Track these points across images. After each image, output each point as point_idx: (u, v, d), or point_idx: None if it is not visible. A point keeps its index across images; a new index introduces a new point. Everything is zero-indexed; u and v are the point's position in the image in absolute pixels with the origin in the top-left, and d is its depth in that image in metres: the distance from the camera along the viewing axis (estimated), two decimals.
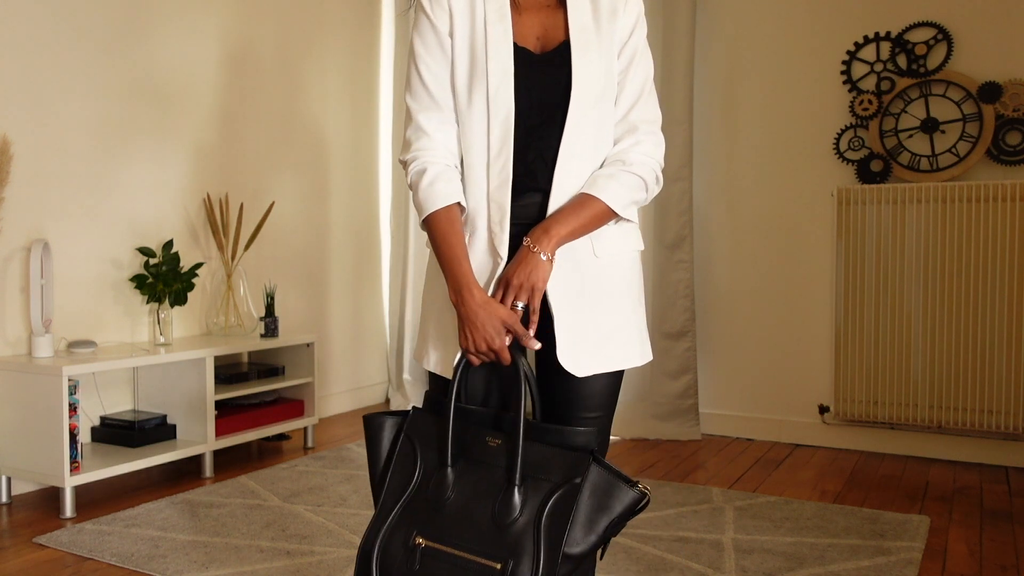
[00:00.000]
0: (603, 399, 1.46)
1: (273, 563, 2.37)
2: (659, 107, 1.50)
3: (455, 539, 1.26)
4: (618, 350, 1.44)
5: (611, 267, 1.44)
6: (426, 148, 1.42)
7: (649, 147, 1.45)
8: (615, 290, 1.45)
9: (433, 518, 1.29)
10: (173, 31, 3.52)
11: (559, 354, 1.39)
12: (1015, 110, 3.33)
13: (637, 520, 2.72)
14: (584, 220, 1.39)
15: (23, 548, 2.50)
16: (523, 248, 1.36)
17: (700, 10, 3.90)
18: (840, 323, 3.59)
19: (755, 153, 3.86)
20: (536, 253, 1.36)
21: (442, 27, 1.43)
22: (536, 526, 1.23)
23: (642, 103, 1.47)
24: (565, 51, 1.42)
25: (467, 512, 1.28)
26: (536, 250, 1.36)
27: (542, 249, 1.36)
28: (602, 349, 1.42)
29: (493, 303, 1.35)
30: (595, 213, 1.40)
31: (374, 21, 4.63)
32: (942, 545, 2.54)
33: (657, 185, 1.47)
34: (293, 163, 4.14)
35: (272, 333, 3.58)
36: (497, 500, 1.27)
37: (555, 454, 1.28)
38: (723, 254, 3.94)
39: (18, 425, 2.84)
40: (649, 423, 3.91)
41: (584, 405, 1.45)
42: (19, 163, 2.98)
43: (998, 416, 3.33)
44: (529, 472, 1.28)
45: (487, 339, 1.33)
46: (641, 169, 1.43)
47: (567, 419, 1.45)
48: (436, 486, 1.31)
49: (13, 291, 2.99)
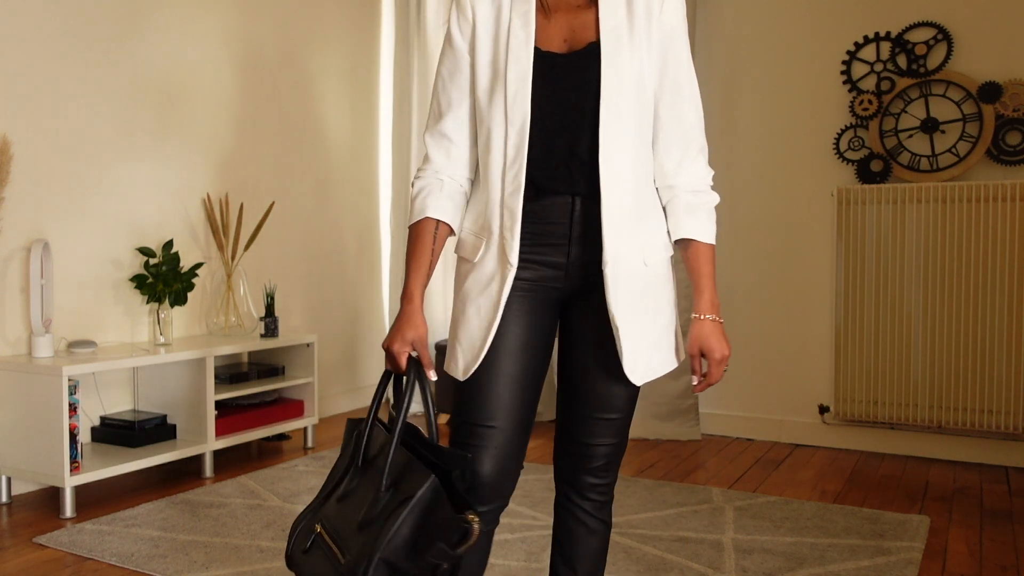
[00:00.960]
0: (622, 401, 1.49)
1: (273, 563, 2.37)
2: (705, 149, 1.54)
3: (335, 531, 1.35)
4: (664, 355, 1.48)
5: (657, 275, 1.46)
6: (427, 167, 1.50)
7: (707, 191, 1.50)
8: (661, 296, 1.47)
9: (335, 510, 1.39)
10: (173, 31, 3.52)
11: (626, 365, 1.42)
12: (1015, 110, 3.33)
13: (637, 520, 2.72)
14: (713, 266, 1.49)
15: (23, 548, 2.50)
16: (702, 322, 1.47)
17: (700, 10, 3.90)
18: (840, 323, 3.59)
19: (755, 153, 3.86)
20: (708, 320, 1.47)
21: (461, 45, 1.46)
22: (376, 529, 1.28)
23: (695, 118, 1.49)
24: (594, 51, 1.39)
25: (351, 509, 1.36)
26: (708, 318, 1.47)
27: (712, 314, 1.47)
28: (653, 355, 1.46)
29: (417, 318, 1.42)
30: (712, 257, 1.48)
31: (374, 21, 4.63)
32: (942, 545, 2.54)
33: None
34: (293, 163, 4.14)
35: (272, 333, 3.58)
36: (369, 502, 1.33)
37: (418, 467, 1.30)
38: (723, 254, 3.94)
39: (18, 425, 2.84)
40: (649, 423, 3.91)
41: (603, 406, 1.48)
42: (19, 163, 2.98)
43: (998, 416, 3.33)
44: (398, 480, 1.32)
45: (394, 343, 1.40)
46: (707, 199, 1.49)
47: (585, 420, 1.48)
48: (347, 483, 1.41)
49: (13, 291, 2.99)
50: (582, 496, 1.53)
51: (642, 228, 1.43)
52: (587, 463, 1.51)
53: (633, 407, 1.53)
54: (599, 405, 1.48)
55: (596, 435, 1.50)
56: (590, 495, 1.52)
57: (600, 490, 1.53)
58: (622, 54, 1.38)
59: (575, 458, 1.51)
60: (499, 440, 1.41)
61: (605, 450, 1.50)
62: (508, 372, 1.43)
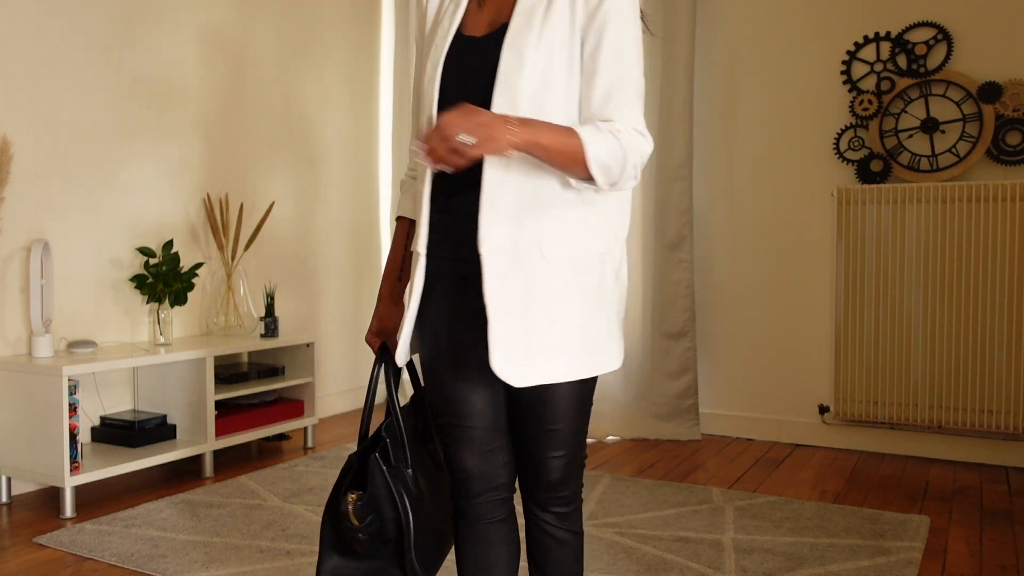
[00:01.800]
0: (561, 410, 1.39)
1: (273, 563, 2.37)
2: (641, 113, 1.35)
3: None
4: (573, 360, 1.35)
5: (564, 270, 1.33)
6: (409, 165, 1.56)
7: (634, 137, 1.31)
8: (574, 295, 1.34)
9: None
10: (173, 31, 3.52)
11: (491, 360, 1.30)
12: (1015, 110, 3.33)
13: (637, 520, 2.72)
14: (560, 137, 1.25)
15: (23, 548, 2.50)
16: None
17: (700, 10, 3.90)
18: (840, 323, 3.59)
19: (755, 153, 3.86)
20: (504, 122, 1.23)
21: (418, 38, 1.50)
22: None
23: (618, 100, 1.31)
24: (502, 33, 1.33)
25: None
26: (510, 123, 1.23)
27: (511, 123, 1.23)
28: (548, 358, 1.33)
29: (383, 310, 1.55)
30: (570, 139, 1.25)
31: (374, 21, 4.63)
32: (942, 545, 2.54)
33: (633, 176, 1.33)
34: (293, 163, 4.14)
35: (272, 333, 3.58)
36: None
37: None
38: (723, 254, 3.94)
39: (18, 425, 2.84)
40: (649, 423, 3.91)
41: (541, 416, 1.40)
42: (19, 163, 2.98)
43: (998, 416, 3.33)
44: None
45: (367, 336, 1.57)
46: (627, 139, 1.29)
47: (527, 430, 1.42)
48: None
49: (13, 291, 2.99)
50: (544, 509, 1.45)
51: (542, 218, 1.32)
52: (540, 475, 1.43)
53: (579, 416, 1.42)
54: (535, 414, 1.40)
55: (543, 447, 1.41)
56: (552, 508, 1.45)
57: (561, 502, 1.45)
58: (529, 36, 1.30)
59: (527, 471, 1.45)
60: (471, 435, 1.43)
61: (557, 463, 1.42)
62: (455, 367, 1.42)
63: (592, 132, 1.27)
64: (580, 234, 1.35)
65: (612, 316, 1.41)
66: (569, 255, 1.34)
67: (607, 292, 1.39)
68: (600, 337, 1.38)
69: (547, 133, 1.25)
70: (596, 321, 1.37)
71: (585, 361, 1.36)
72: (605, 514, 2.79)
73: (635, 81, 1.33)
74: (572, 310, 1.34)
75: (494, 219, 1.30)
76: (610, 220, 1.39)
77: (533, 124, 1.25)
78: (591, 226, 1.36)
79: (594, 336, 1.37)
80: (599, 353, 1.38)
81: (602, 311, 1.39)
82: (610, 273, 1.40)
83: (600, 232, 1.37)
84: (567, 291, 1.34)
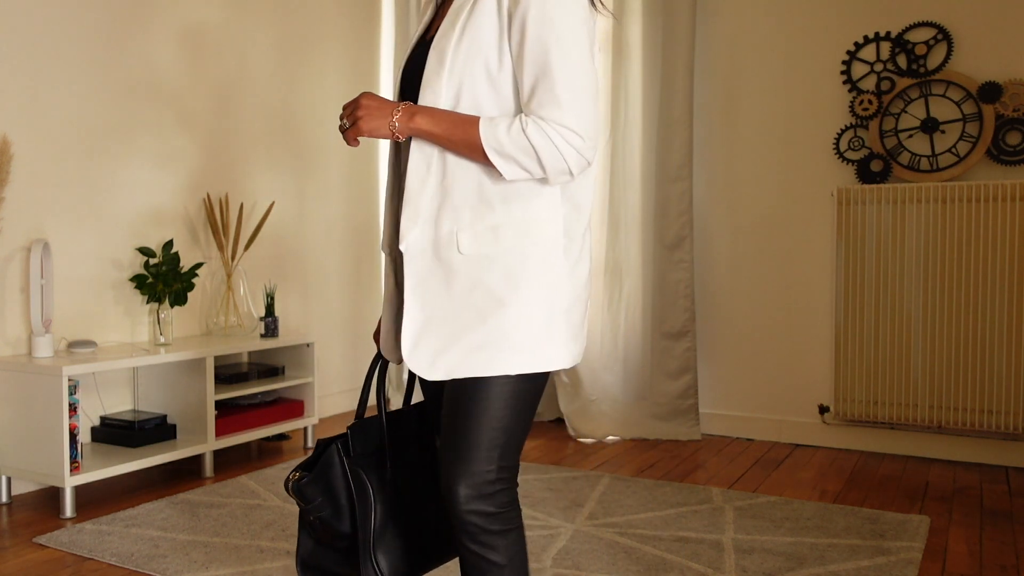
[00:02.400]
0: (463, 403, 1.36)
1: (273, 563, 2.37)
2: (582, 113, 1.29)
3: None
4: (493, 357, 1.33)
5: (480, 267, 1.34)
6: None
7: (550, 132, 1.28)
8: (499, 292, 1.33)
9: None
10: (173, 31, 3.52)
11: (402, 350, 1.36)
12: (1015, 110, 3.33)
13: (637, 520, 2.72)
14: (458, 127, 1.30)
15: (23, 548, 2.50)
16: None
17: (700, 10, 3.90)
18: (840, 323, 3.59)
19: (755, 153, 3.86)
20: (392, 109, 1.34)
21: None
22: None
23: (542, 95, 1.29)
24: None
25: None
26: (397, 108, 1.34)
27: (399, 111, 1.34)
28: (472, 354, 1.33)
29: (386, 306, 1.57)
30: (468, 128, 1.30)
31: (374, 21, 4.63)
32: (942, 545, 2.54)
33: (562, 171, 1.30)
34: (293, 163, 4.14)
35: (272, 333, 3.58)
36: None
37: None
38: (723, 254, 3.94)
39: (18, 425, 2.84)
40: (649, 423, 3.91)
41: (446, 412, 1.38)
42: (19, 163, 2.98)
43: (998, 416, 3.33)
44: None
45: (376, 329, 1.61)
46: (535, 132, 1.28)
47: (438, 421, 1.44)
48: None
49: (13, 291, 2.99)
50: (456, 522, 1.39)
51: (463, 216, 1.34)
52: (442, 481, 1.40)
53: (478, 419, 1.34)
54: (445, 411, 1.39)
55: (443, 449, 1.39)
56: (460, 531, 1.38)
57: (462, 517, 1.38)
58: (451, 36, 1.33)
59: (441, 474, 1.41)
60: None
61: (455, 464, 1.37)
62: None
63: (493, 123, 1.30)
64: (505, 231, 1.34)
65: (542, 314, 1.35)
66: (489, 252, 1.34)
67: (535, 289, 1.35)
68: (514, 337, 1.33)
69: (440, 122, 1.31)
70: (512, 319, 1.33)
71: (520, 359, 1.33)
72: (605, 514, 2.79)
73: (564, 75, 1.28)
74: (484, 307, 1.33)
75: (412, 217, 1.36)
76: (546, 216, 1.36)
77: (424, 112, 1.33)
78: (520, 223, 1.34)
79: (506, 335, 1.33)
80: (539, 349, 1.35)
81: (525, 307, 1.34)
82: (540, 269, 1.35)
83: (533, 228, 1.35)
84: (482, 288, 1.34)
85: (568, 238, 1.38)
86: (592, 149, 1.31)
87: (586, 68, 1.30)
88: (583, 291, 1.43)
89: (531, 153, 1.28)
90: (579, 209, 1.40)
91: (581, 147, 1.29)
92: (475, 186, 1.34)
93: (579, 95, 1.29)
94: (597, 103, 1.33)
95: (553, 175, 1.31)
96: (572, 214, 1.39)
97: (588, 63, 1.31)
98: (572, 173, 1.31)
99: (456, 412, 1.36)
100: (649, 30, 3.89)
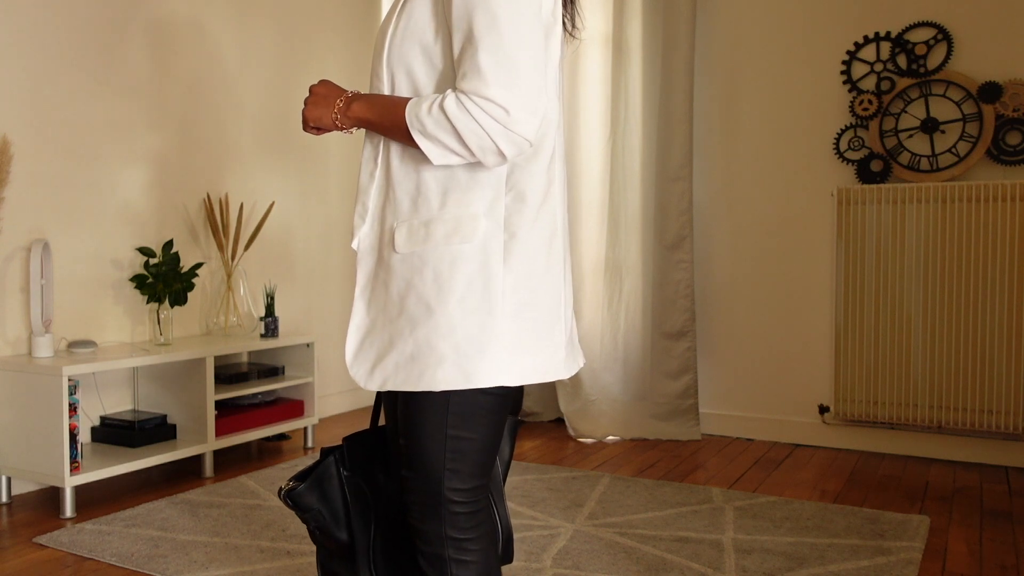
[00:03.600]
0: (401, 423, 1.29)
1: (273, 563, 2.37)
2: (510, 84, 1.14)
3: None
4: (423, 371, 1.21)
5: (423, 265, 1.23)
6: None
7: (473, 108, 1.15)
8: (424, 294, 1.22)
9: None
10: (173, 30, 3.52)
11: (346, 355, 1.30)
12: (1015, 110, 3.33)
13: (637, 520, 2.72)
14: (389, 112, 1.23)
15: (23, 548, 2.50)
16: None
17: (700, 10, 3.90)
18: (840, 323, 3.59)
19: (755, 153, 3.86)
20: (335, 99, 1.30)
21: None
22: None
23: (465, 65, 1.16)
24: None
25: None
26: (340, 99, 1.29)
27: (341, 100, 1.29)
28: (405, 366, 1.23)
29: None
30: (397, 111, 1.22)
31: (374, 20, 4.63)
32: (942, 545, 2.54)
33: (490, 150, 1.17)
34: (293, 163, 4.14)
35: (272, 333, 3.58)
36: None
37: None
38: (723, 254, 3.94)
39: (18, 425, 2.84)
40: (649, 423, 3.91)
41: (397, 426, 1.32)
42: (19, 163, 2.98)
43: (998, 416, 3.33)
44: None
45: None
46: (452, 107, 1.15)
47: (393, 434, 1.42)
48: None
49: (13, 291, 2.99)
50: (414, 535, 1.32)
51: (402, 213, 1.26)
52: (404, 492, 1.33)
53: (421, 436, 1.24)
54: (393, 420, 1.36)
55: (400, 460, 1.33)
56: (416, 541, 1.31)
57: (418, 537, 1.29)
58: (392, 16, 1.30)
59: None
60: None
61: (407, 483, 1.29)
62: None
63: (418, 103, 1.19)
64: (436, 227, 1.23)
65: (473, 324, 1.21)
66: (420, 251, 1.23)
67: (465, 295, 1.22)
68: (441, 348, 1.21)
69: (373, 107, 1.25)
70: (441, 328, 1.21)
71: (422, 371, 1.21)
72: (605, 514, 2.79)
73: (488, 41, 1.14)
74: (415, 313, 1.23)
75: (361, 214, 1.32)
76: (482, 209, 1.23)
77: (361, 100, 1.27)
78: (451, 219, 1.22)
79: (432, 346, 1.21)
80: (437, 365, 1.21)
81: (455, 315, 1.21)
82: (471, 271, 1.22)
83: (465, 225, 1.22)
84: (414, 292, 1.23)
85: (509, 233, 1.23)
86: (527, 125, 1.15)
87: (519, 37, 1.14)
88: (542, 295, 1.27)
89: (451, 131, 1.15)
90: (523, 199, 1.24)
91: (508, 122, 1.13)
92: (417, 177, 1.24)
93: (506, 63, 1.13)
94: (537, 73, 1.16)
95: (482, 156, 1.17)
96: (514, 205, 1.24)
97: (522, 28, 1.15)
98: (503, 154, 1.16)
99: (403, 428, 1.29)
100: (649, 30, 3.89)
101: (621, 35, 3.93)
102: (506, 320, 1.22)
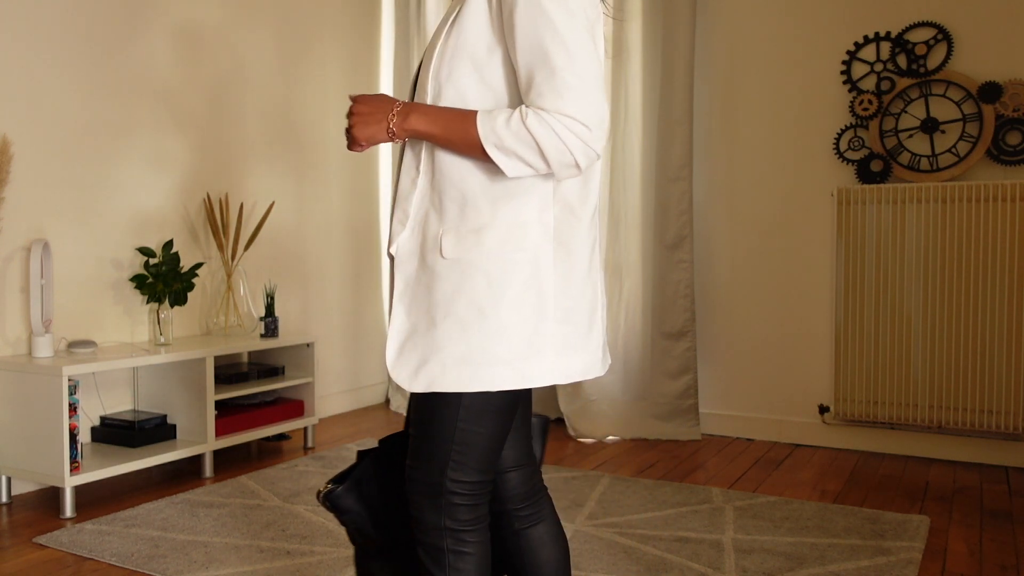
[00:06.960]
0: (415, 412, 1.33)
1: (273, 563, 2.37)
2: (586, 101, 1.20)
3: None
4: (468, 369, 1.26)
5: (475, 270, 1.26)
6: None
7: (552, 122, 1.19)
8: (476, 298, 1.26)
9: None
10: (172, 30, 3.52)
11: (387, 358, 1.31)
12: (1015, 110, 3.33)
13: (637, 520, 2.72)
14: (453, 124, 1.24)
15: (23, 548, 2.50)
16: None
17: (700, 10, 3.90)
18: (840, 323, 3.59)
19: (755, 153, 3.86)
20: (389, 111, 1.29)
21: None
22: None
23: (540, 84, 1.20)
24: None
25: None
26: (394, 111, 1.29)
27: (394, 112, 1.29)
28: (428, 367, 1.27)
29: None
30: (465, 124, 1.23)
31: (374, 21, 4.63)
32: (942, 545, 2.54)
33: (568, 163, 1.22)
34: (293, 163, 4.14)
35: (272, 333, 3.58)
36: None
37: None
38: (723, 254, 3.94)
39: (18, 425, 2.84)
40: (649, 423, 3.91)
41: (421, 417, 1.33)
42: (19, 163, 2.98)
43: (998, 416, 3.33)
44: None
45: None
46: (535, 123, 1.19)
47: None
48: None
49: (13, 291, 2.99)
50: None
51: (448, 218, 1.28)
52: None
53: (430, 428, 1.30)
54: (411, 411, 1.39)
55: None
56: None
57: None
58: (442, 31, 1.30)
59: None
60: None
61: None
62: None
63: (492, 117, 1.22)
64: (489, 234, 1.26)
65: (527, 327, 1.27)
66: (471, 257, 1.26)
67: (519, 300, 1.26)
68: (495, 350, 1.26)
69: (436, 120, 1.26)
70: (494, 331, 1.26)
71: (474, 372, 1.26)
72: (605, 514, 2.79)
73: (562, 62, 1.19)
74: (466, 317, 1.26)
75: (401, 220, 1.32)
76: (534, 218, 1.28)
77: (419, 111, 1.27)
78: (505, 226, 1.27)
79: (486, 348, 1.26)
80: (492, 366, 1.26)
81: (508, 319, 1.26)
82: (525, 277, 1.27)
83: (518, 232, 1.27)
84: (464, 296, 1.26)
85: (558, 242, 1.29)
86: (599, 139, 1.21)
87: (586, 53, 1.21)
88: (584, 299, 1.33)
89: (533, 146, 1.19)
90: (573, 212, 1.31)
91: (587, 137, 1.20)
92: (464, 186, 1.27)
93: (580, 82, 1.19)
94: (602, 90, 1.23)
95: (558, 169, 1.22)
96: (564, 215, 1.30)
97: (587, 48, 1.21)
98: (580, 166, 1.22)
99: (415, 420, 1.33)
100: (649, 30, 3.89)
101: (621, 35, 3.93)
102: (555, 324, 1.29)
